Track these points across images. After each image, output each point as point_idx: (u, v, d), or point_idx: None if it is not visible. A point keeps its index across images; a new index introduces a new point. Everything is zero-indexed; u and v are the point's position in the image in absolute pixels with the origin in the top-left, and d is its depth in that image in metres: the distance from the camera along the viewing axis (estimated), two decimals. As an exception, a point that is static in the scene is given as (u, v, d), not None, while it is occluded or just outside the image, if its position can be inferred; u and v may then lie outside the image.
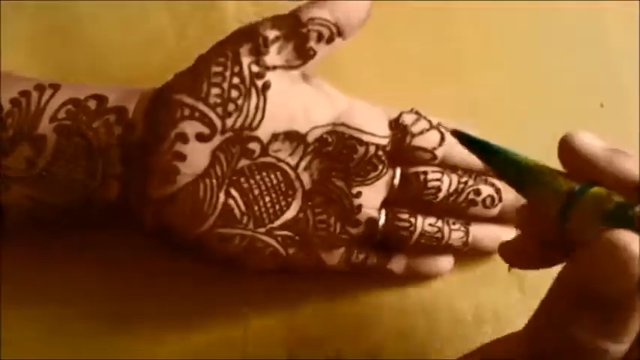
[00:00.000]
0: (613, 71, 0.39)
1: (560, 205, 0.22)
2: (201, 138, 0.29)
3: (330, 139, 0.32)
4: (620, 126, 0.37)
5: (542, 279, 0.33)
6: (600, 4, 0.39)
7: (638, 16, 0.39)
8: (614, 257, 0.20)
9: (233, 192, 0.30)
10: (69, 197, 0.30)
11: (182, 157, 0.29)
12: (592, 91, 0.38)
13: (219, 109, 0.30)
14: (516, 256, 0.28)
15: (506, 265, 0.34)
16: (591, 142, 0.23)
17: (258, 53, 0.30)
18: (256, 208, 0.31)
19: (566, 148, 0.24)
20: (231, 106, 0.30)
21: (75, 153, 0.30)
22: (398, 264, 0.34)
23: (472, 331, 0.33)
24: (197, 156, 0.29)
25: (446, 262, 0.34)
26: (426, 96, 0.38)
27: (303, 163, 0.32)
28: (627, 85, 0.38)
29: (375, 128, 0.32)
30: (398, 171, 0.33)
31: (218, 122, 0.30)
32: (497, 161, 0.26)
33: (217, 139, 0.30)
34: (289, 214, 0.32)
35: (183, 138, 0.29)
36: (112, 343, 0.33)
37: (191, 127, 0.29)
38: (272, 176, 0.31)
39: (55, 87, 0.31)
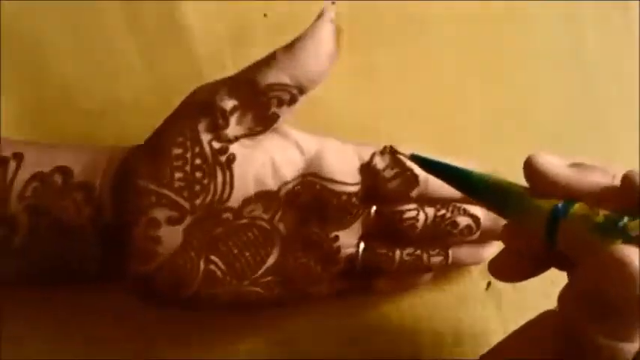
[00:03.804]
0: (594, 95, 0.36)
1: (545, 223, 0.23)
2: (171, 221, 0.28)
3: (301, 191, 0.30)
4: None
5: (518, 295, 0.34)
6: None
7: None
8: (623, 271, 0.21)
9: (213, 257, 0.29)
10: (50, 268, 0.30)
11: (157, 240, 0.28)
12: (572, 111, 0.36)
13: (186, 193, 0.28)
14: (504, 271, 0.28)
15: (484, 285, 0.34)
16: (554, 161, 0.25)
17: (217, 128, 0.28)
18: (238, 265, 0.30)
19: (533, 170, 0.25)
20: (197, 187, 0.28)
21: (48, 232, 0.29)
22: (380, 283, 0.34)
23: (452, 350, 0.33)
24: (171, 237, 0.28)
25: (426, 276, 0.34)
26: (405, 111, 0.36)
27: (278, 215, 0.30)
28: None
29: (345, 176, 0.30)
30: (373, 208, 0.32)
31: (186, 204, 0.28)
32: (467, 184, 0.27)
33: (188, 219, 0.28)
34: (270, 261, 0.31)
35: (155, 223, 0.28)
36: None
37: (161, 213, 0.28)
38: (249, 234, 0.30)
39: (19, 158, 0.29)
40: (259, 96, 0.28)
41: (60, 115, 0.35)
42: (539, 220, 0.24)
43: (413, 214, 0.31)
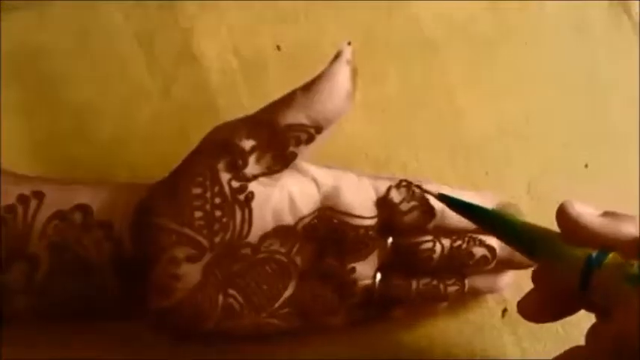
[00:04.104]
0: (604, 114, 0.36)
1: (580, 271, 0.24)
2: (191, 259, 0.28)
3: (318, 225, 0.31)
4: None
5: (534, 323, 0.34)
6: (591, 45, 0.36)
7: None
8: None
9: (231, 291, 0.30)
10: (70, 305, 0.30)
11: (176, 277, 0.28)
12: (583, 131, 0.36)
13: (205, 231, 0.28)
14: (533, 312, 0.28)
15: (499, 312, 0.34)
16: (588, 210, 0.25)
17: (236, 167, 0.28)
18: (255, 298, 0.31)
19: (567, 218, 0.25)
20: (216, 226, 0.28)
21: (70, 268, 0.29)
22: (397, 312, 0.34)
23: (467, 378, 0.34)
24: (190, 274, 0.28)
25: (442, 304, 0.34)
26: (417, 140, 0.36)
27: (295, 249, 0.31)
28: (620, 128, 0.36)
29: (362, 210, 0.30)
30: (390, 239, 0.32)
31: (205, 242, 0.28)
32: (496, 226, 0.27)
33: (207, 257, 0.29)
34: (287, 293, 0.31)
35: (175, 262, 0.28)
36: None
37: (180, 251, 0.28)
38: (266, 268, 0.30)
39: (39, 196, 0.30)
40: (278, 136, 0.28)
41: (73, 144, 0.35)
42: (573, 268, 0.24)
43: (429, 245, 0.31)
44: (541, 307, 0.27)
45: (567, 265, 0.24)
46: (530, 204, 0.35)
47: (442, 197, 0.29)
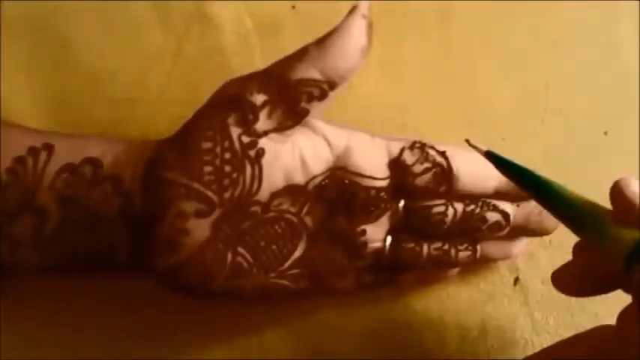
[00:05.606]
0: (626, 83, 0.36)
1: (625, 255, 0.23)
2: (200, 214, 0.28)
3: (329, 186, 0.31)
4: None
5: (545, 291, 0.33)
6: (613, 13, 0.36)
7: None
8: None
9: (240, 249, 0.30)
10: (79, 258, 0.30)
11: (185, 232, 0.28)
12: (603, 98, 0.35)
13: (215, 186, 0.28)
14: (569, 284, 0.27)
15: (512, 280, 0.34)
16: None
17: (247, 122, 0.28)
18: (264, 258, 0.30)
19: (623, 197, 0.24)
20: (226, 181, 0.28)
21: (79, 222, 0.29)
22: (407, 277, 0.34)
23: (478, 345, 0.33)
24: (199, 229, 0.28)
25: (453, 270, 0.34)
26: (432, 105, 0.35)
27: (305, 209, 0.31)
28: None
29: (374, 170, 0.30)
30: (402, 202, 0.32)
31: (215, 198, 0.28)
32: (544, 194, 0.26)
33: (217, 212, 0.29)
34: (297, 254, 0.31)
35: (183, 216, 0.28)
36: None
37: (189, 206, 0.28)
38: (276, 227, 0.30)
39: (49, 148, 0.30)
40: (289, 91, 0.28)
41: (86, 103, 0.35)
42: (620, 249, 0.23)
43: (441, 209, 0.31)
44: (577, 280, 0.26)
45: (614, 245, 0.23)
46: (549, 171, 0.34)
47: (489, 155, 0.27)
